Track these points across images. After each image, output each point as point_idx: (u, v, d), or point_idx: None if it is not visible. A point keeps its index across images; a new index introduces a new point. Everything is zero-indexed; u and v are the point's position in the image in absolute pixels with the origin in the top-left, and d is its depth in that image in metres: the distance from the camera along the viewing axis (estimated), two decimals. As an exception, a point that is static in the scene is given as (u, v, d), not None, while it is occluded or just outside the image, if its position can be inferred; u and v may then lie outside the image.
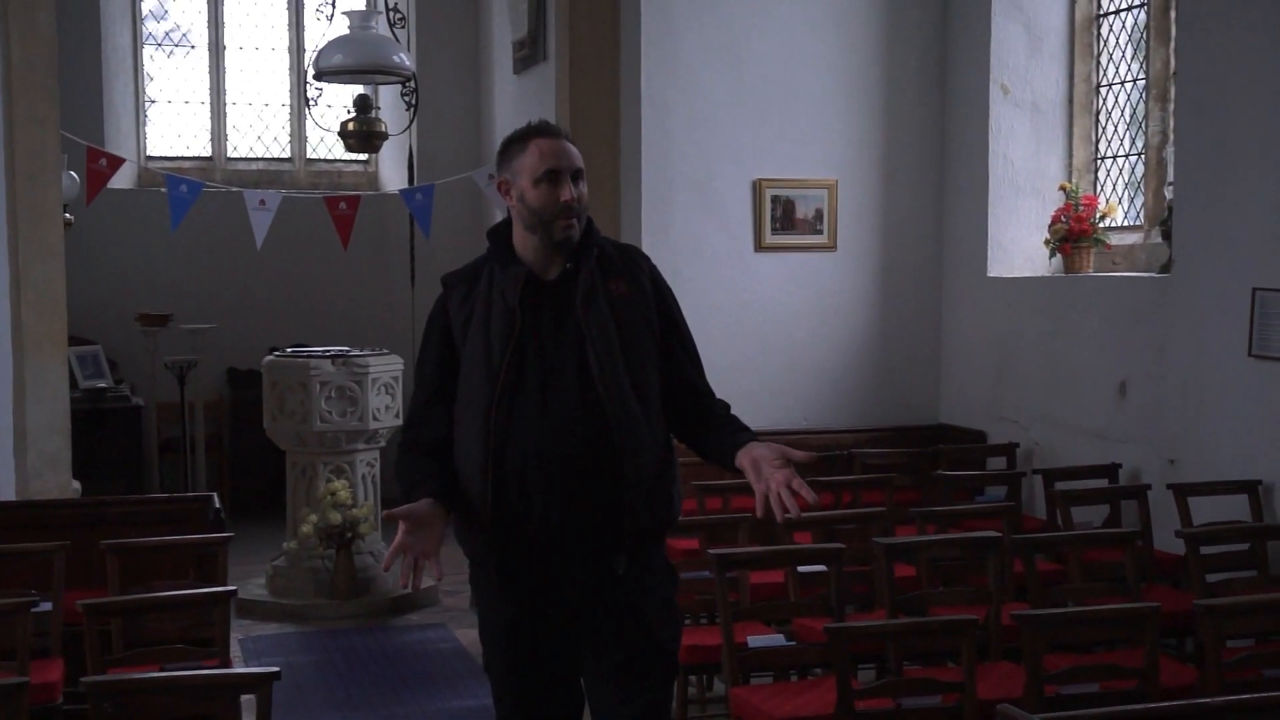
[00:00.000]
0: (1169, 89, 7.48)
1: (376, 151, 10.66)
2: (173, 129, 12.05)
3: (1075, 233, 7.84)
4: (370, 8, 10.72)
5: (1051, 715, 3.33)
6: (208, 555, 5.58)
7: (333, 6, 9.32)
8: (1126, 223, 7.95)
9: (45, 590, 5.21)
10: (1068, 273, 7.93)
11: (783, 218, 8.38)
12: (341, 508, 7.94)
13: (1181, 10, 7.01)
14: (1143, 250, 7.72)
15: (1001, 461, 7.88)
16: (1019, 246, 8.29)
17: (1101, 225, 7.87)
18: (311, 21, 11.78)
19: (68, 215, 9.17)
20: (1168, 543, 6.26)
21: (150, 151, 11.92)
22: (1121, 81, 8.04)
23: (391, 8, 9.43)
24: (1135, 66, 7.92)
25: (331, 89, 10.01)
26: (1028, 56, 8.24)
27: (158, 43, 11.97)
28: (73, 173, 9.47)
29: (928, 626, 4.68)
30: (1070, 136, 8.30)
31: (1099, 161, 8.21)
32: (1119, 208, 7.93)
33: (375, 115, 9.47)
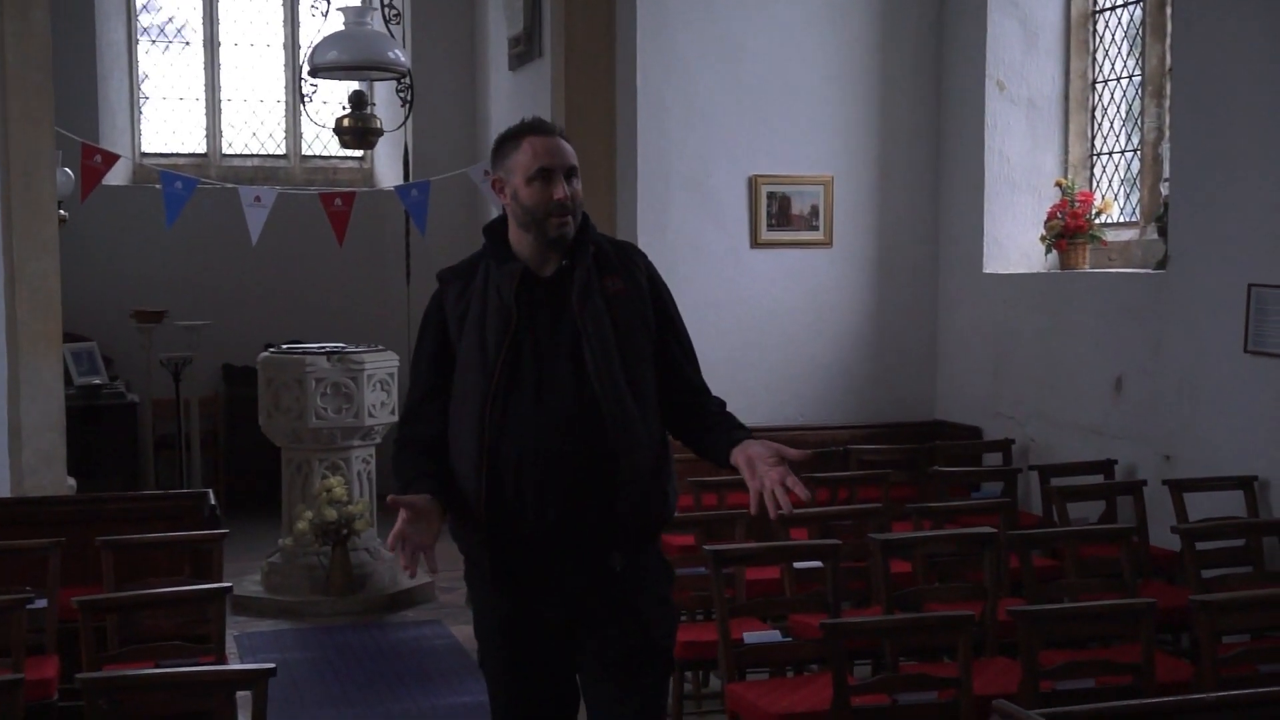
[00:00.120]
0: (1165, 85, 7.48)
1: (372, 148, 10.65)
2: (168, 125, 12.04)
3: (1071, 229, 7.84)
4: (365, 4, 10.69)
5: (1047, 711, 3.33)
6: (203, 552, 5.58)
7: (328, 3, 9.32)
8: (1122, 219, 7.95)
9: (40, 587, 5.20)
10: (1063, 269, 7.93)
11: (778, 214, 8.38)
12: (337, 504, 7.94)
13: (1177, 6, 7.01)
14: (1138, 246, 7.72)
15: (997, 457, 7.88)
16: (1015, 243, 8.29)
17: (1097, 221, 7.87)
18: (306, 18, 11.79)
19: (62, 212, 9.16)
20: (1163, 538, 6.27)
21: (145, 148, 11.91)
22: (1117, 78, 8.04)
23: (386, 4, 9.42)
24: (1131, 63, 7.92)
25: (327, 85, 9.99)
26: (1023, 52, 8.24)
27: (152, 39, 11.96)
28: (67, 169, 9.46)
29: (924, 622, 4.68)
30: (1066, 133, 8.30)
31: (1095, 158, 8.21)
32: (1115, 204, 7.93)
33: (370, 112, 9.46)
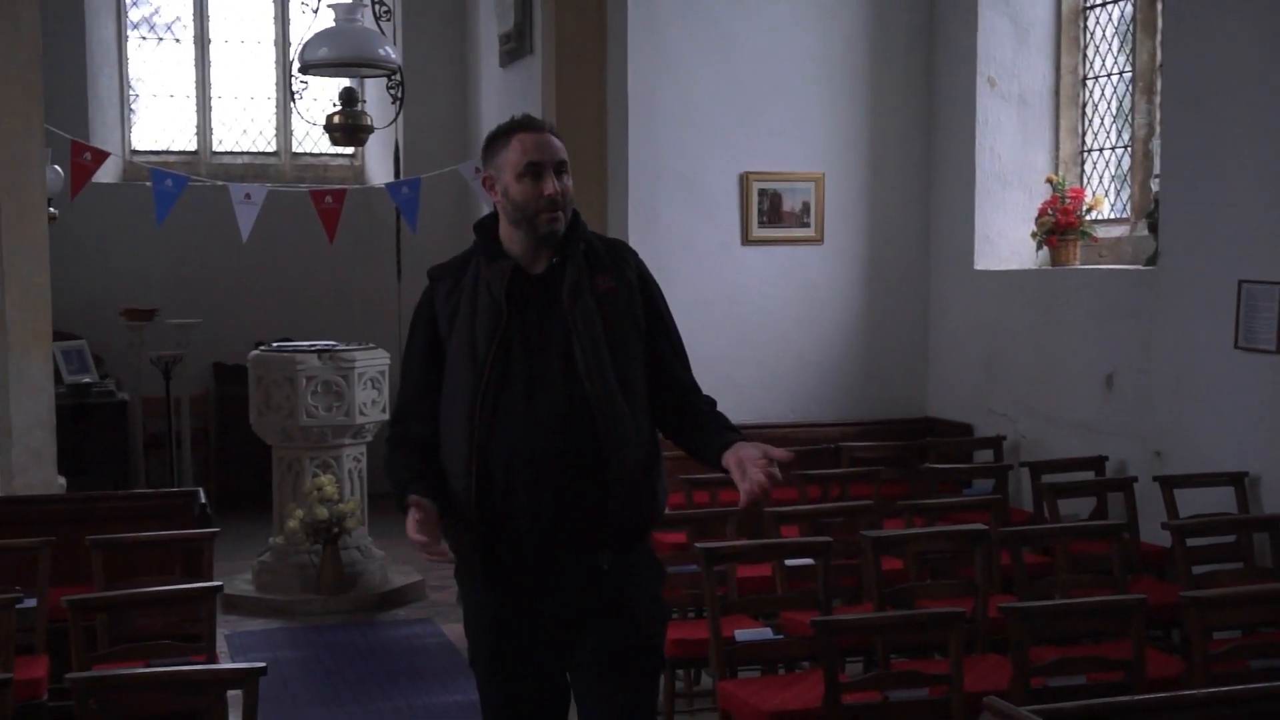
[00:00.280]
0: (1155, 81, 7.49)
1: (362, 145, 10.63)
2: (158, 123, 12.01)
3: (1062, 225, 7.85)
4: (355, 1, 10.69)
5: (1039, 707, 3.33)
6: (194, 551, 5.57)
7: (318, 0, 9.29)
8: (1113, 215, 7.95)
9: (30, 586, 5.19)
10: (1054, 265, 7.94)
11: (770, 211, 8.38)
12: (328, 503, 7.93)
13: (1168, 3, 7.01)
14: (1129, 243, 7.72)
15: (988, 454, 7.88)
16: (1006, 239, 8.29)
17: (1088, 218, 7.88)
18: (297, 14, 11.77)
19: (52, 210, 9.12)
20: (1154, 535, 6.28)
21: (135, 145, 11.88)
22: (1108, 74, 8.04)
23: (377, 0, 9.40)
24: (1122, 59, 7.93)
25: (317, 82, 9.99)
26: (1014, 49, 8.24)
27: (142, 36, 11.93)
28: (57, 167, 9.43)
29: (915, 619, 4.68)
30: (1057, 129, 8.30)
31: (1085, 154, 8.22)
32: (1105, 200, 7.94)
33: (361, 109, 9.44)
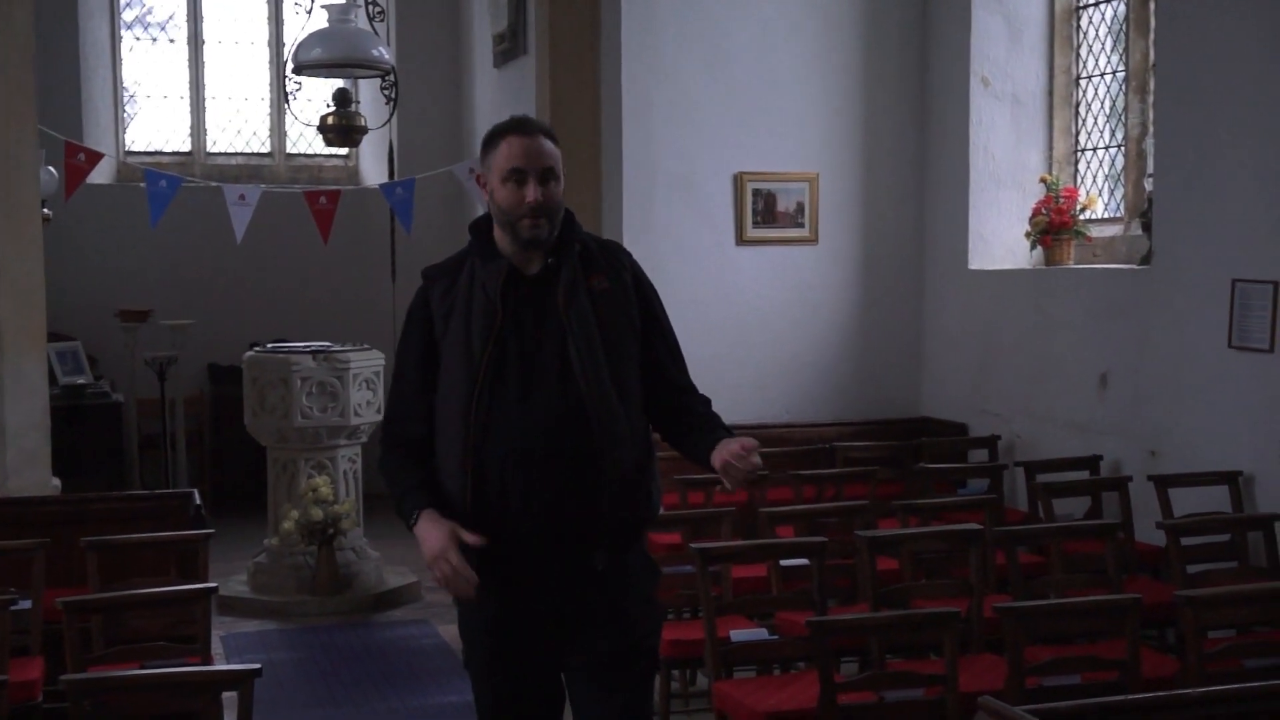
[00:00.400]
0: (1148, 81, 7.50)
1: (356, 146, 10.61)
2: (152, 124, 12.00)
3: (1056, 225, 7.85)
4: (349, 1, 10.67)
5: (1033, 707, 3.33)
6: (189, 552, 5.56)
7: (311, 0, 9.27)
8: (1107, 215, 7.96)
9: (25, 588, 5.18)
10: (1048, 265, 7.94)
11: (764, 211, 8.38)
12: (323, 504, 7.92)
13: (1161, 2, 7.03)
14: (1123, 242, 7.73)
15: (983, 454, 7.89)
16: (1000, 239, 8.30)
17: (1082, 217, 7.89)
18: (290, 15, 11.76)
19: (46, 211, 9.12)
20: (1149, 534, 6.28)
21: (129, 146, 11.87)
22: (1101, 73, 8.05)
23: (370, 1, 9.39)
24: (1115, 58, 7.94)
25: (311, 83, 9.96)
26: (1008, 49, 8.25)
27: (136, 37, 11.91)
28: (51, 168, 9.42)
29: (910, 619, 4.68)
30: (1050, 129, 8.31)
31: (1079, 154, 8.23)
32: (1099, 200, 7.95)
33: (355, 109, 9.43)
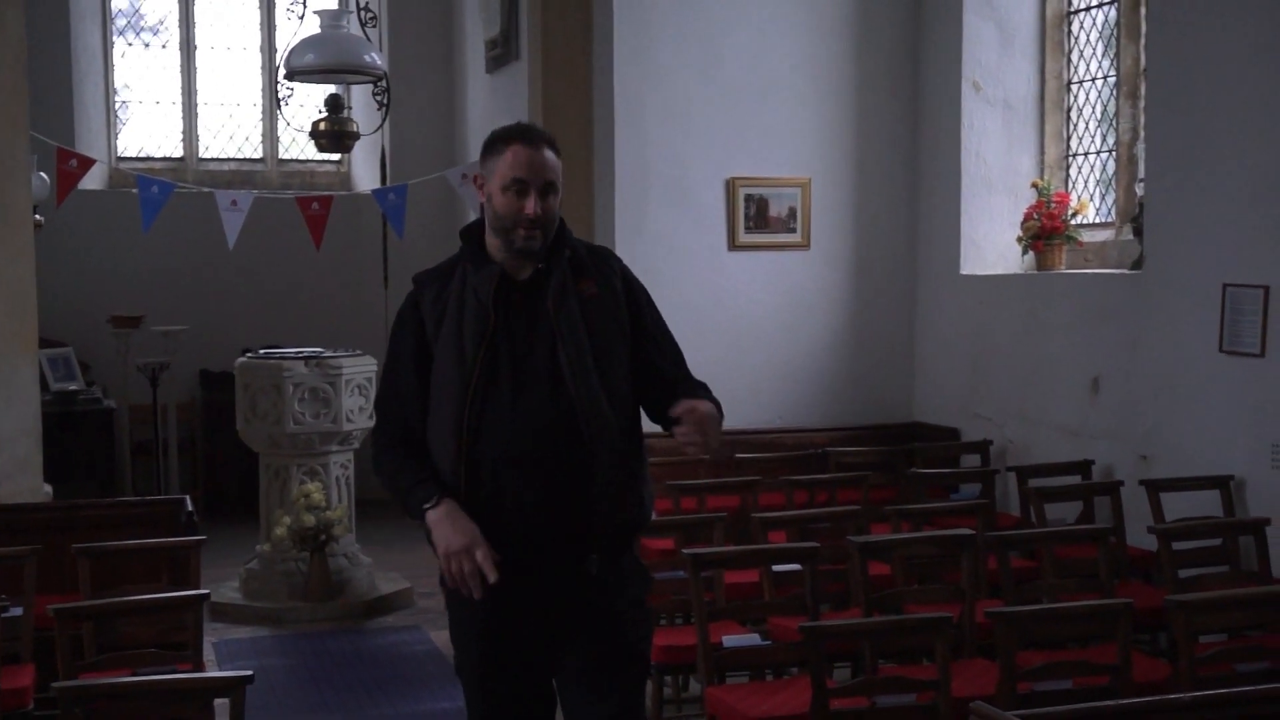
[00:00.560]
0: (1139, 86, 7.51)
1: (348, 151, 10.63)
2: (144, 129, 11.99)
3: (1047, 230, 7.87)
4: (341, 7, 10.66)
5: (1025, 712, 3.33)
6: (180, 558, 5.55)
7: (304, 5, 9.27)
8: (1098, 219, 7.98)
9: (16, 595, 5.17)
10: (1040, 270, 7.95)
11: (756, 216, 8.39)
12: (315, 510, 7.91)
13: (1152, 7, 7.04)
14: (1114, 247, 7.74)
15: (975, 459, 7.89)
16: (992, 244, 8.31)
17: (1073, 222, 7.90)
18: (283, 21, 11.74)
19: (38, 216, 9.10)
20: (1141, 538, 6.29)
21: (121, 152, 11.85)
22: (1092, 78, 8.07)
23: (363, 6, 9.39)
24: (1106, 63, 7.95)
25: (303, 89, 9.97)
26: (999, 54, 8.26)
27: (128, 42, 11.90)
28: (43, 174, 9.40)
29: (902, 625, 4.68)
30: (1042, 134, 8.33)
31: (1070, 158, 8.24)
32: (1091, 204, 7.96)
33: (347, 115, 9.44)
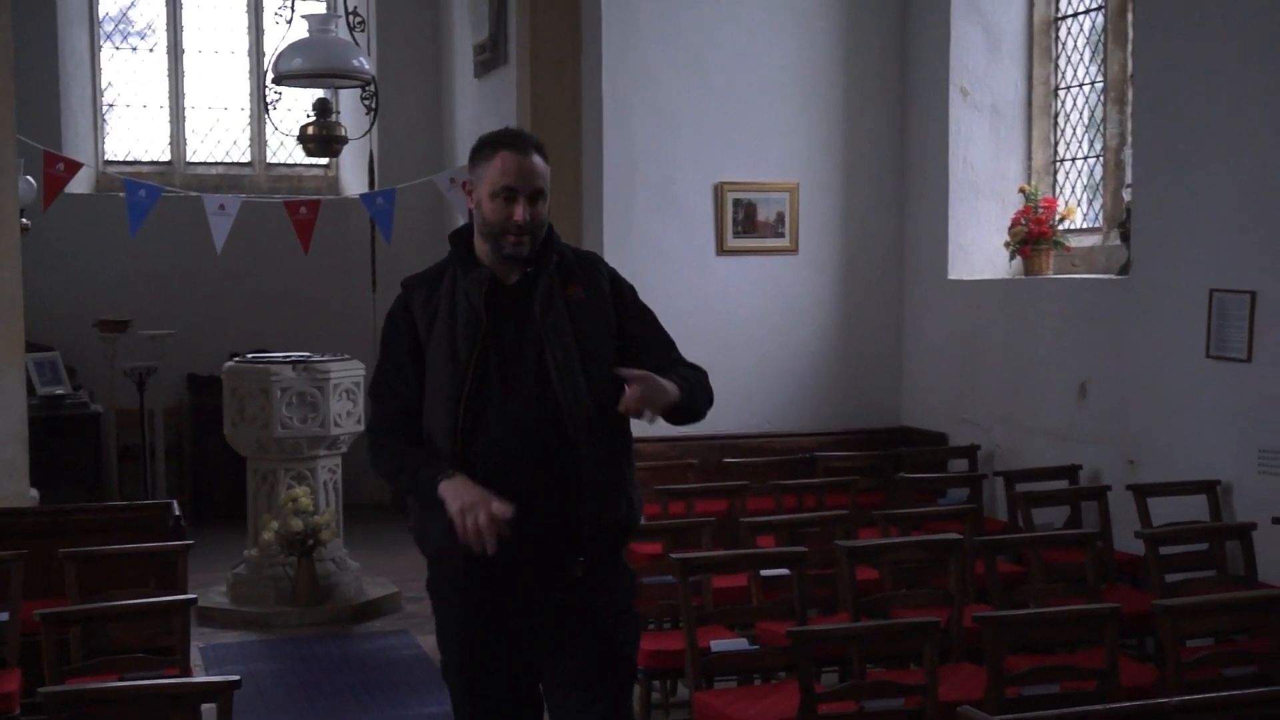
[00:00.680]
0: (1127, 91, 7.53)
1: (336, 156, 10.61)
2: (131, 133, 11.96)
3: (1035, 235, 7.88)
4: (330, 11, 10.65)
5: (1013, 716, 3.34)
6: (168, 563, 5.54)
7: (292, 10, 9.27)
8: (1085, 225, 8.00)
9: (2, 600, 5.17)
10: (1028, 275, 7.97)
11: (744, 221, 8.39)
12: (303, 514, 7.90)
13: (1138, 13, 7.06)
14: (1102, 252, 7.76)
15: (963, 464, 7.91)
16: (979, 249, 8.33)
17: (1061, 227, 7.92)
18: (271, 25, 11.74)
19: (25, 220, 9.07)
20: (1128, 543, 6.30)
21: (108, 156, 11.83)
22: (1080, 84, 8.09)
23: (351, 11, 9.38)
24: (1093, 69, 7.97)
25: (291, 93, 9.96)
26: (987, 59, 8.28)
27: (115, 46, 11.88)
28: (29, 177, 9.37)
29: (890, 629, 4.69)
30: (1029, 139, 8.34)
31: (1058, 164, 8.26)
32: (1078, 210, 7.98)
33: (335, 119, 9.42)
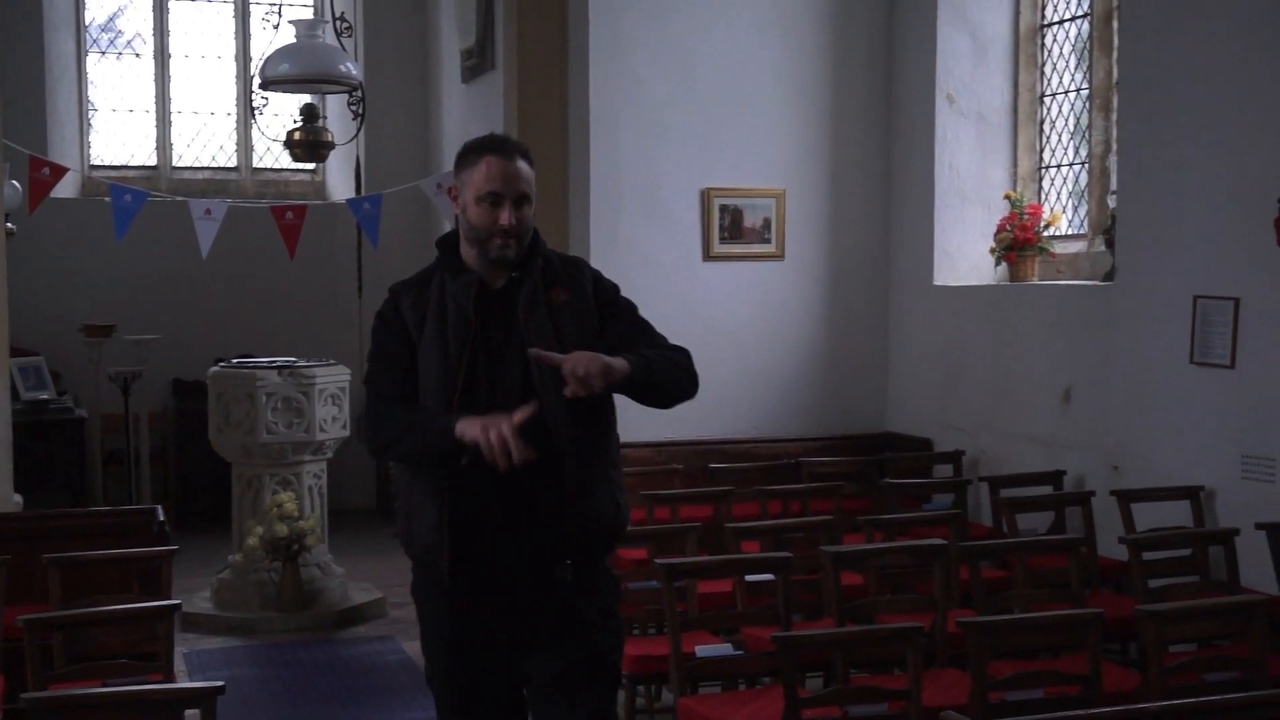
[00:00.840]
0: (1112, 99, 7.56)
1: (323, 161, 10.59)
2: (117, 138, 11.94)
3: (1020, 241, 7.90)
4: (317, 16, 10.66)
5: (996, 722, 3.35)
6: (152, 569, 5.53)
7: (279, 15, 9.27)
8: (1070, 231, 8.02)
9: (-15, 605, 5.15)
10: (1013, 281, 7.99)
11: (730, 227, 8.40)
12: (288, 520, 7.89)
13: (1124, 21, 7.09)
14: (1086, 259, 7.78)
15: (948, 469, 7.92)
16: (965, 255, 8.34)
17: (1046, 234, 7.94)
18: (257, 30, 11.73)
19: (10, 225, 9.06)
20: (1111, 549, 6.31)
21: (94, 160, 11.81)
22: (1065, 91, 8.11)
23: (338, 16, 9.38)
24: (1079, 76, 8.00)
25: (278, 98, 9.94)
26: (973, 66, 8.30)
27: (101, 51, 11.86)
28: (15, 182, 9.36)
29: (874, 634, 4.69)
30: (1015, 146, 8.36)
31: (1043, 170, 8.28)
32: (1063, 216, 8.00)
33: (322, 125, 9.41)
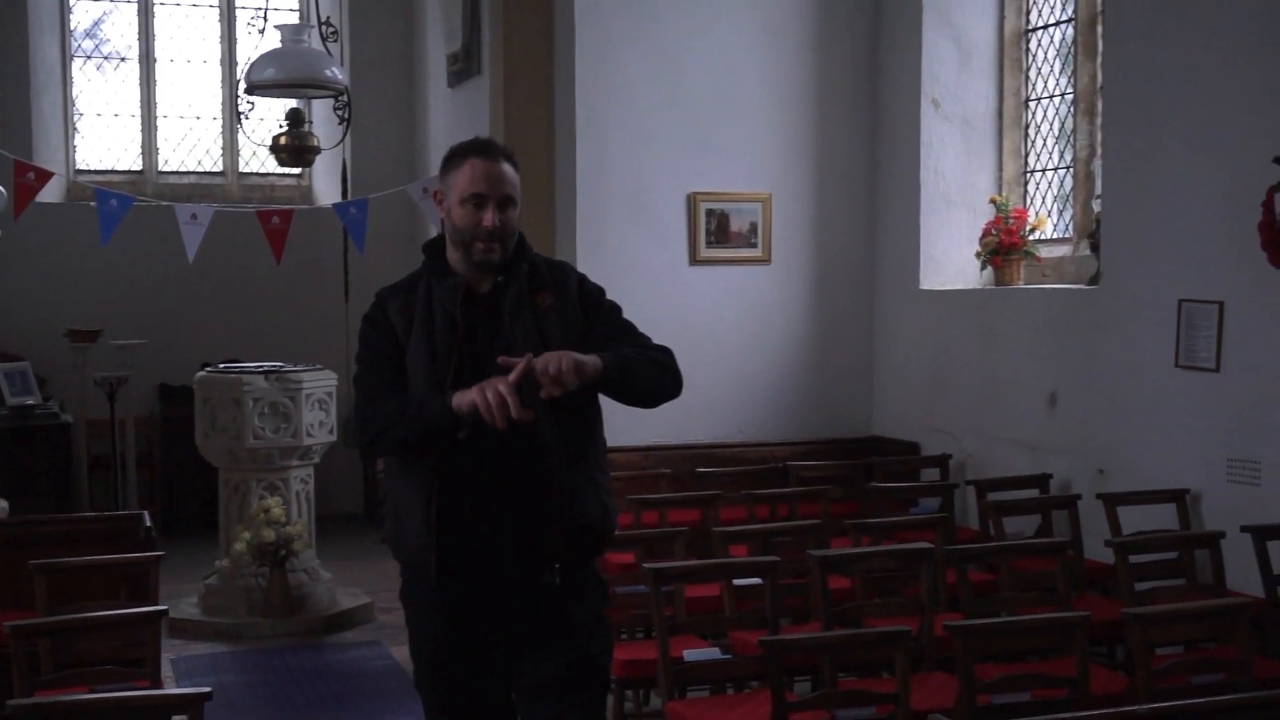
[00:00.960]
0: (1097, 103, 7.58)
1: (309, 166, 10.59)
2: (103, 142, 11.91)
3: (1005, 245, 7.93)
4: (303, 21, 10.64)
5: (983, 725, 3.36)
6: (138, 574, 5.52)
7: (265, 20, 9.26)
8: (1056, 235, 8.04)
9: (-29, 612, 5.14)
10: (998, 285, 8.01)
11: (717, 231, 8.41)
12: (275, 525, 7.88)
13: (1108, 26, 7.12)
14: (1072, 263, 7.81)
15: (935, 473, 7.93)
16: (950, 259, 8.36)
17: (1031, 238, 7.96)
18: (243, 35, 11.71)
19: (-5, 230, 9.06)
20: (1098, 552, 6.33)
21: (80, 165, 11.77)
22: (1050, 95, 8.14)
23: (324, 21, 9.37)
24: (1063, 81, 8.03)
25: (264, 103, 9.93)
26: (958, 71, 8.32)
27: (87, 55, 11.83)
28: (0, 187, 9.34)
29: (862, 638, 4.70)
30: (1000, 150, 8.39)
31: (1028, 175, 8.31)
32: (1048, 220, 8.03)
33: (308, 129, 9.41)
